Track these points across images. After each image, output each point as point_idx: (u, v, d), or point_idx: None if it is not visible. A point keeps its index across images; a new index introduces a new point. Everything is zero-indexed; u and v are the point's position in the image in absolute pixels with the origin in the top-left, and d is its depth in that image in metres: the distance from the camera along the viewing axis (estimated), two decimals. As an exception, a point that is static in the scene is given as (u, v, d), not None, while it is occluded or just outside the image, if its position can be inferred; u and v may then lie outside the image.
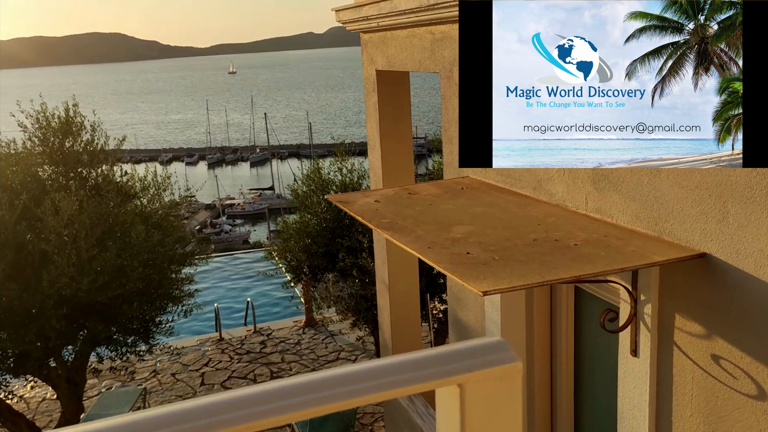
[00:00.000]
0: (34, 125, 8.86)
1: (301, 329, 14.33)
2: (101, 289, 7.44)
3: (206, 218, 57.83)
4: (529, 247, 2.80)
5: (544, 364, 4.12)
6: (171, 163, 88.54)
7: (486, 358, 0.68)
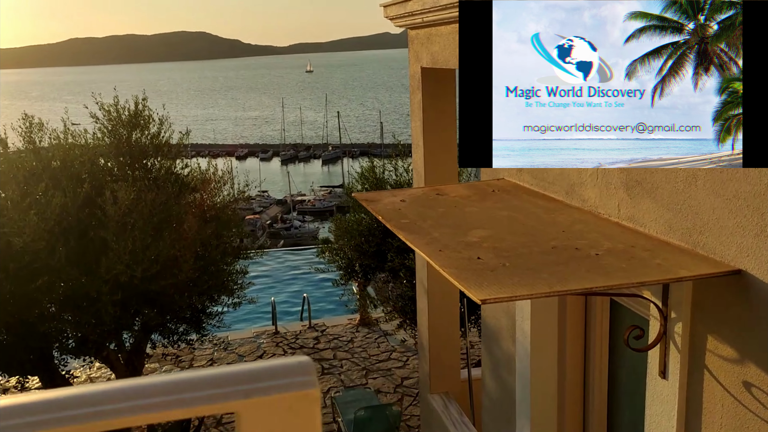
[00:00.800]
0: (105, 117, 9.18)
1: (355, 327, 14.34)
2: (154, 278, 7.62)
3: (277, 213, 59.05)
4: (545, 255, 2.62)
5: (576, 378, 3.90)
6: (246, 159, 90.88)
7: (269, 383, 0.57)
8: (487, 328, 4.58)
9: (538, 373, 3.88)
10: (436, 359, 5.93)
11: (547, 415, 3.94)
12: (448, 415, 5.53)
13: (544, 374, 3.89)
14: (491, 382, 4.56)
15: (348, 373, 12.41)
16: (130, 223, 7.58)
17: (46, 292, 6.80)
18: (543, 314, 3.79)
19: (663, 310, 2.68)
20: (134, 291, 7.56)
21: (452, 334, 5.88)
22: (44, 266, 6.74)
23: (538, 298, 2.43)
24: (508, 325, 4.19)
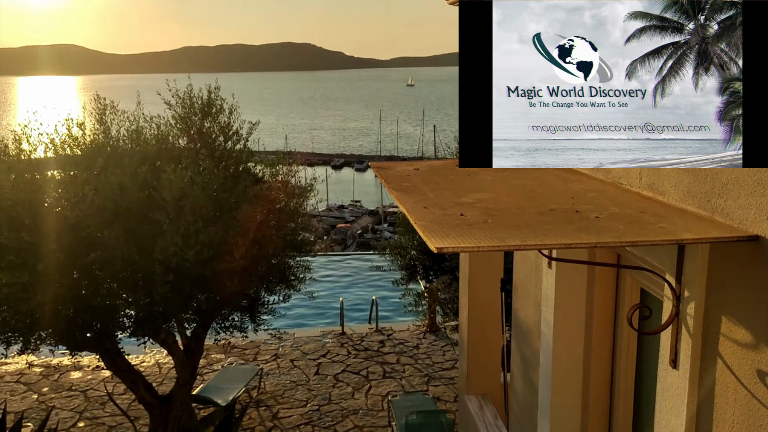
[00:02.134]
0: (178, 103, 9.41)
1: (422, 334, 14.05)
2: (207, 263, 7.68)
3: (368, 223, 59.60)
4: (537, 216, 2.32)
5: (602, 371, 3.51)
6: (342, 168, 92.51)
7: None
8: (517, 323, 4.23)
9: (560, 368, 3.52)
10: (474, 358, 5.59)
11: (569, 414, 3.56)
12: (482, 418, 5.18)
13: (567, 370, 3.53)
14: (519, 383, 4.21)
15: (409, 379, 12.14)
16: (184, 207, 7.68)
17: (99, 268, 6.98)
18: (568, 304, 3.43)
19: (676, 289, 2.30)
20: (187, 274, 7.64)
21: (494, 333, 5.52)
22: (98, 242, 6.93)
23: (503, 250, 2.12)
24: (536, 318, 3.84)
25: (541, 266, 3.63)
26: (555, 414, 3.55)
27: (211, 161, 9.03)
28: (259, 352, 13.40)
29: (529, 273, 3.93)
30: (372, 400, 11.37)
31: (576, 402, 3.54)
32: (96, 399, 11.62)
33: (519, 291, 4.17)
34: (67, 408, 11.32)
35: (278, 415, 10.97)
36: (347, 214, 65.43)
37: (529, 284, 3.95)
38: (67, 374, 12.62)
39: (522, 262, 4.05)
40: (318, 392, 11.69)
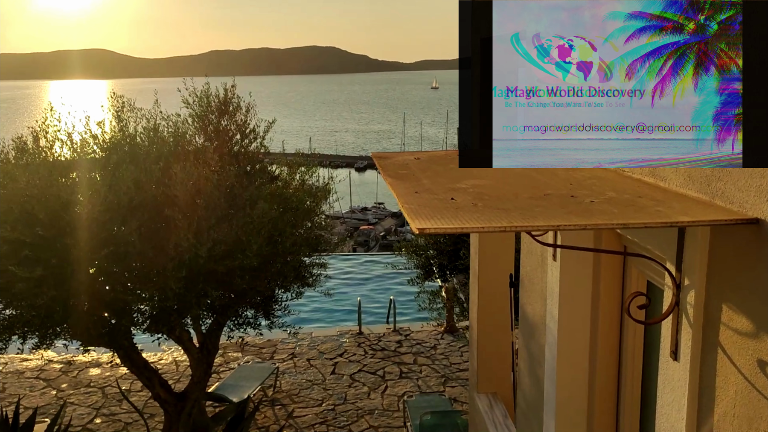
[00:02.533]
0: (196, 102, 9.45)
1: (440, 334, 13.95)
2: (220, 259, 7.68)
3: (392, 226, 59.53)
4: (531, 200, 2.24)
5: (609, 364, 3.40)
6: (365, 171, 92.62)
7: None
8: (524, 318, 4.14)
9: (565, 363, 3.42)
10: (484, 356, 5.49)
11: (575, 409, 3.46)
12: (492, 417, 5.08)
13: (572, 364, 3.43)
14: (526, 380, 4.11)
15: (426, 379, 12.05)
16: (198, 203, 7.70)
17: (113, 263, 7.01)
18: (574, 297, 3.33)
19: (676, 277, 2.20)
20: (200, 270, 7.64)
21: (504, 330, 5.42)
22: (112, 237, 6.96)
23: (488, 232, 2.04)
24: (543, 313, 3.74)
25: (547, 259, 3.53)
26: (560, 410, 3.45)
27: (227, 158, 9.04)
28: (276, 351, 13.42)
29: (535, 266, 3.83)
30: (388, 400, 11.30)
31: (582, 397, 3.44)
32: (113, 396, 11.71)
33: (525, 285, 4.08)
34: (85, 404, 11.43)
35: (293, 414, 10.95)
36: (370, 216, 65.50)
37: (535, 278, 3.85)
38: (85, 371, 12.75)
39: (528, 256, 3.96)
40: (334, 392, 11.65)
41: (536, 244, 3.78)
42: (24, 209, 6.78)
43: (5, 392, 11.81)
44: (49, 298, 6.79)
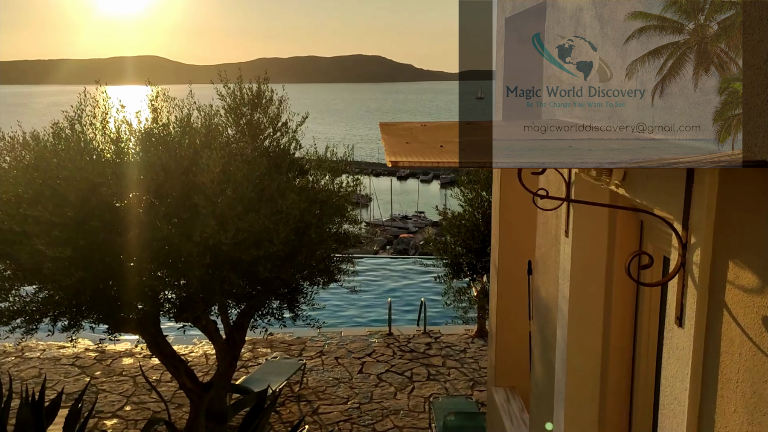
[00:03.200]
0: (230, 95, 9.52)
1: (470, 338, 13.73)
2: (245, 247, 7.69)
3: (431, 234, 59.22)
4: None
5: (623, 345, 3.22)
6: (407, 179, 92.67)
7: None
8: (538, 302, 3.97)
9: (576, 345, 3.26)
10: (502, 348, 5.32)
11: (586, 394, 3.29)
12: (508, 410, 4.90)
13: (583, 346, 3.26)
14: (539, 366, 3.94)
15: (454, 382, 11.85)
16: (225, 191, 7.72)
17: (137, 247, 7.08)
18: (586, 274, 3.17)
19: (682, 236, 2.04)
20: (224, 257, 7.66)
21: (523, 321, 5.24)
22: (138, 220, 7.03)
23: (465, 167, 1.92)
24: (556, 296, 3.58)
25: (560, 237, 3.38)
26: (570, 394, 3.28)
27: (257, 150, 9.08)
28: (304, 348, 13.40)
29: (550, 246, 3.68)
30: (414, 401, 11.14)
31: (593, 381, 3.27)
32: (144, 384, 11.85)
33: (540, 267, 3.92)
34: (116, 392, 11.59)
35: (318, 410, 10.89)
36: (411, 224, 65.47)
37: (549, 259, 3.70)
38: (119, 360, 12.95)
39: (543, 235, 3.81)
40: (360, 390, 11.55)
41: (551, 222, 3.63)
42: (55, 191, 6.90)
43: (40, 377, 12.06)
44: (77, 279, 6.88)
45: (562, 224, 3.31)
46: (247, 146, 9.37)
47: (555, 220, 3.55)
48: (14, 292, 7.87)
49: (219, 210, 7.55)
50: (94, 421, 10.57)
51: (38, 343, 13.62)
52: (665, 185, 2.19)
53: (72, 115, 7.59)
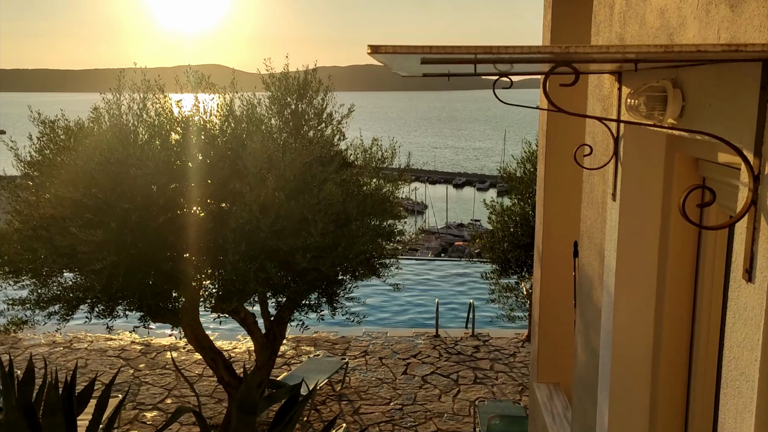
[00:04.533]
0: (275, 84, 9.34)
1: (520, 342, 13.15)
2: (283, 236, 7.44)
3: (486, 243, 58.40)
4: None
5: (679, 324, 2.75)
6: (464, 187, 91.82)
7: None
8: (582, 282, 3.51)
9: (623, 325, 2.81)
10: (546, 341, 4.85)
11: (634, 381, 2.84)
12: (550, 408, 4.44)
13: (631, 325, 2.81)
14: (582, 355, 3.49)
15: (501, 387, 11.32)
16: (267, 179, 7.51)
17: (171, 231, 6.90)
18: (636, 242, 2.72)
19: (753, 165, 1.61)
20: (261, 246, 7.42)
21: (568, 311, 4.75)
22: (171, 203, 6.86)
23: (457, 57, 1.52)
24: (601, 272, 3.13)
25: (607, 203, 2.94)
26: (617, 376, 2.83)
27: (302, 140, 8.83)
28: (349, 348, 13.10)
29: (595, 217, 3.23)
30: (459, 404, 10.67)
31: (642, 366, 2.80)
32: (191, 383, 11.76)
33: (584, 243, 3.47)
34: (158, 384, 11.54)
35: (359, 410, 10.55)
36: (466, 232, 64.80)
37: (594, 232, 3.25)
38: (163, 353, 12.94)
39: (588, 206, 3.36)
40: (403, 392, 11.16)
41: (598, 189, 3.19)
42: (88, 173, 6.80)
43: (86, 368, 12.14)
44: (109, 263, 6.75)
45: (609, 187, 2.86)
46: (291, 136, 9.15)
47: (602, 186, 3.10)
48: (53, 279, 7.84)
49: (260, 196, 7.34)
50: (135, 413, 10.52)
51: (86, 335, 13.78)
52: (732, 106, 1.75)
53: (110, 98, 7.50)
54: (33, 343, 13.33)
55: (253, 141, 7.74)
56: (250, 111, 8.78)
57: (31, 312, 7.92)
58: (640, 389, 2.87)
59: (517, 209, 8.80)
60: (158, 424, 10.15)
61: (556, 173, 4.79)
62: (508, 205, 9.63)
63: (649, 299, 2.81)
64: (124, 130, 7.15)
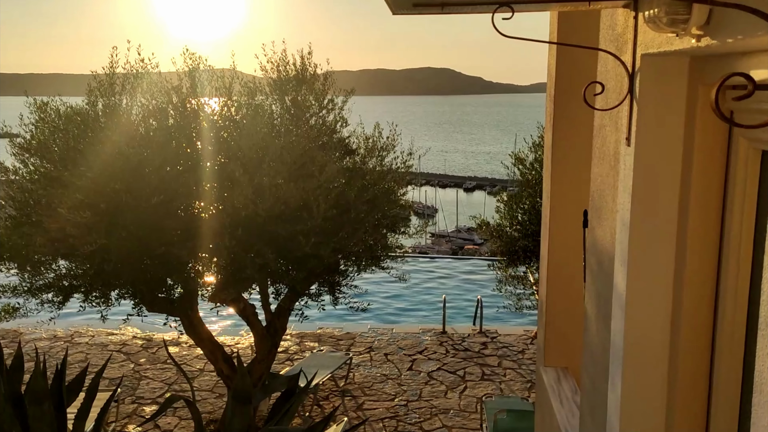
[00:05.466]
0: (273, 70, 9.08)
1: (529, 339, 12.80)
2: (281, 221, 7.17)
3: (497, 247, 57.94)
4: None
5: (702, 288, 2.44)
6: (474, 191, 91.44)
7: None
8: (592, 247, 3.21)
9: (638, 291, 2.50)
10: (554, 322, 4.53)
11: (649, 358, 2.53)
12: (558, 392, 4.12)
13: (647, 292, 2.50)
14: (593, 327, 3.18)
15: (510, 383, 10.98)
16: (263, 160, 7.25)
17: (164, 214, 6.64)
18: (652, 191, 2.42)
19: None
20: (259, 231, 7.15)
21: (577, 289, 4.43)
22: (164, 185, 6.60)
23: None
24: (612, 236, 2.83)
25: (620, 152, 2.64)
26: (630, 358, 2.53)
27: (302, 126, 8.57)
28: (353, 344, 12.80)
29: (607, 173, 2.92)
30: (465, 401, 10.35)
31: (660, 339, 2.50)
32: (186, 373, 11.50)
33: (595, 204, 3.16)
34: (159, 379, 11.30)
35: (363, 406, 10.25)
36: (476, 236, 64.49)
37: (606, 189, 2.94)
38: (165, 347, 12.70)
39: (600, 162, 3.05)
40: (408, 388, 10.84)
41: (610, 140, 2.88)
42: (80, 153, 6.57)
43: (86, 362, 11.91)
44: (99, 246, 6.50)
45: (623, 132, 2.57)
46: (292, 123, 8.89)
47: (614, 136, 2.80)
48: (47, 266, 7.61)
49: (254, 179, 7.09)
50: (134, 407, 10.27)
51: (88, 329, 13.57)
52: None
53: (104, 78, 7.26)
54: (34, 337, 13.14)
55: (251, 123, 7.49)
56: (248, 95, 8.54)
57: (24, 300, 7.70)
58: (657, 363, 2.57)
59: (525, 196, 8.48)
60: (157, 419, 9.90)
61: (564, 134, 4.46)
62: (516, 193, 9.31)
63: (668, 259, 2.50)
64: (117, 110, 6.91)
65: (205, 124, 7.34)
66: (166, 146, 6.88)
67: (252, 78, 8.87)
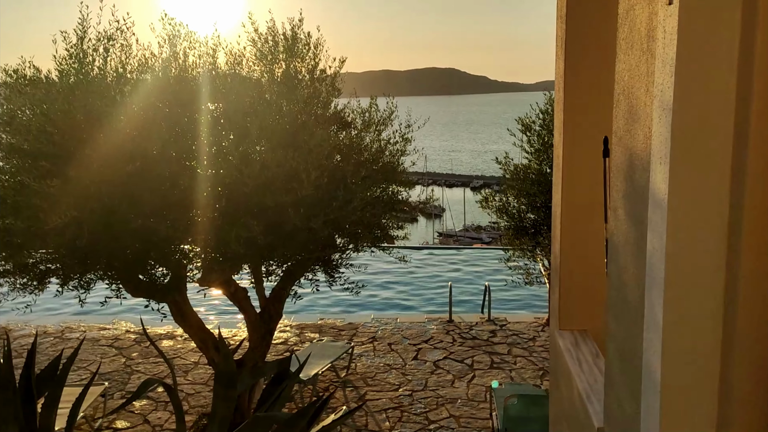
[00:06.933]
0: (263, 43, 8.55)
1: (540, 327, 12.20)
2: (270, 192, 6.62)
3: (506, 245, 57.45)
4: None
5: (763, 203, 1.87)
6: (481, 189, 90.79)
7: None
8: (618, 172, 2.64)
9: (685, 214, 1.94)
10: (569, 279, 3.94)
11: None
12: (576, 355, 3.55)
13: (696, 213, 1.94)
14: (616, 280, 2.60)
15: (520, 371, 10.39)
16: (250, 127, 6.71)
17: (140, 183, 6.09)
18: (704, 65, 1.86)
19: None
20: (244, 202, 6.60)
21: (600, 242, 3.84)
22: (140, 152, 6.05)
23: None
24: (647, 144, 2.26)
25: (655, 25, 2.06)
26: (673, 281, 1.96)
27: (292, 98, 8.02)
28: (356, 334, 12.23)
29: (637, 62, 2.34)
30: (474, 390, 9.75)
31: (711, 259, 1.93)
32: (180, 367, 10.98)
33: (621, 110, 2.57)
34: (150, 373, 10.77)
35: (365, 396, 9.67)
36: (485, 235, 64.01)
37: (636, 81, 2.36)
38: (159, 342, 12.18)
39: (628, 52, 2.47)
40: (413, 377, 10.26)
41: (641, 23, 2.31)
42: (48, 119, 6.03)
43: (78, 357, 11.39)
44: (69, 218, 5.95)
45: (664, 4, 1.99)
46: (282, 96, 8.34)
47: (648, 8, 2.22)
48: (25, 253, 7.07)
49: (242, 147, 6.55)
50: (123, 401, 9.73)
51: (80, 325, 13.07)
52: None
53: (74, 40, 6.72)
54: (23, 333, 12.64)
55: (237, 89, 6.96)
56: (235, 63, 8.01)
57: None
58: (710, 287, 1.99)
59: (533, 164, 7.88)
60: (146, 413, 9.36)
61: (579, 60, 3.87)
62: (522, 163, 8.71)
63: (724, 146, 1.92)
64: (89, 73, 6.37)
65: (186, 88, 6.80)
66: (144, 112, 6.33)
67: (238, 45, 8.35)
